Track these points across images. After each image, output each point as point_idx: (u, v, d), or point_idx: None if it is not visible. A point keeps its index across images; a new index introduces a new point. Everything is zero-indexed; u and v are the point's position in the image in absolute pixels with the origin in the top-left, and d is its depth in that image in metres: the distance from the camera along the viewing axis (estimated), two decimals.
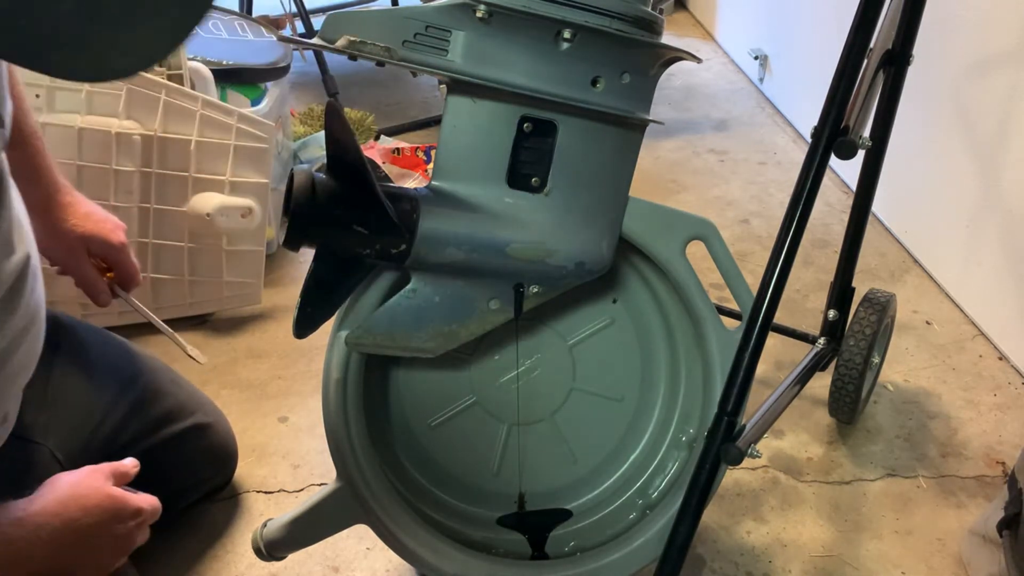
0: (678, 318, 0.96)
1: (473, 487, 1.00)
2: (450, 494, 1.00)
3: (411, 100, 2.62)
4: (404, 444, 0.97)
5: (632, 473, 1.02)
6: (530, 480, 1.00)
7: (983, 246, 1.57)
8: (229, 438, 1.22)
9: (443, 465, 0.98)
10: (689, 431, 0.99)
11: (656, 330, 0.98)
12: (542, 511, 1.01)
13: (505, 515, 1.00)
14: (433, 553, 0.92)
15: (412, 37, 0.78)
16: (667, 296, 0.96)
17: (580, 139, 0.83)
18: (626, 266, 0.95)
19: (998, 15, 1.49)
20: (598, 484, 1.02)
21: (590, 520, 1.01)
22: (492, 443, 0.98)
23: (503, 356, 0.95)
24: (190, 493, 1.18)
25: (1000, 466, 1.30)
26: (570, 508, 1.01)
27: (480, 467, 0.99)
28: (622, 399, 1.00)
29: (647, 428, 1.01)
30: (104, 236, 1.06)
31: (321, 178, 0.79)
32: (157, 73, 1.49)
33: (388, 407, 0.96)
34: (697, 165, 2.22)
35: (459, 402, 0.96)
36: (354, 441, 0.89)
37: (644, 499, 1.00)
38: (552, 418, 0.98)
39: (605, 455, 1.01)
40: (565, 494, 1.02)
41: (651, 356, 0.99)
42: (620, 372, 0.99)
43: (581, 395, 0.98)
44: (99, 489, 0.83)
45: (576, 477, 1.01)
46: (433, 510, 0.98)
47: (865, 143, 0.97)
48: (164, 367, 1.16)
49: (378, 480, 0.91)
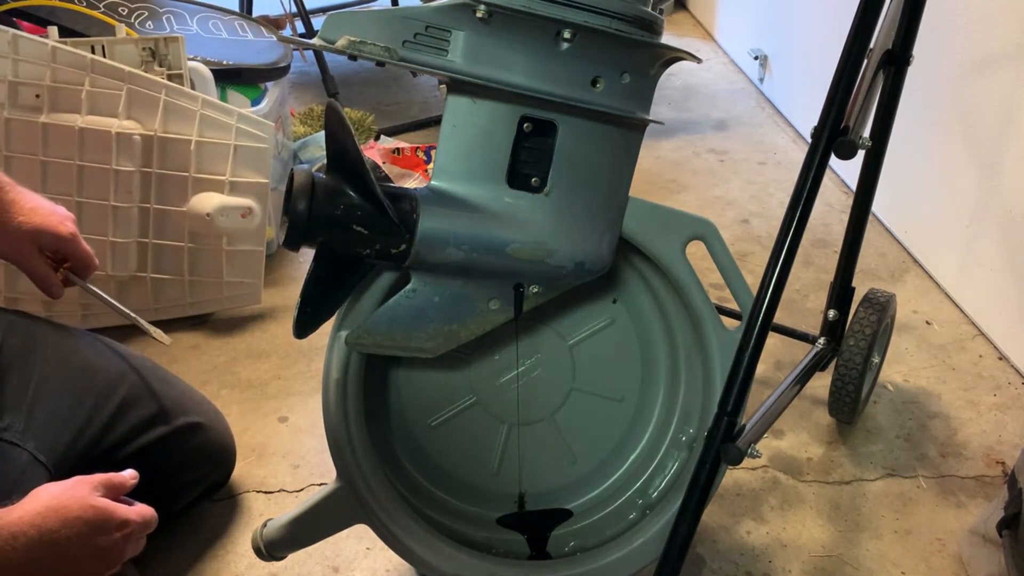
0: (678, 318, 0.96)
1: (473, 487, 1.00)
2: (450, 494, 1.00)
3: (411, 100, 2.62)
4: (404, 444, 0.97)
5: (632, 473, 1.02)
6: (530, 480, 1.00)
7: (983, 246, 1.57)
8: (225, 437, 1.21)
9: (443, 465, 0.98)
10: (689, 431, 0.99)
11: (656, 330, 0.98)
12: (542, 511, 1.01)
13: (505, 515, 1.00)
14: (432, 553, 0.92)
15: (412, 37, 0.78)
16: (667, 296, 0.96)
17: (580, 139, 0.83)
18: (626, 266, 0.95)
19: (998, 15, 1.49)
20: (598, 484, 1.02)
21: (590, 520, 1.01)
22: (492, 443, 0.98)
23: (503, 356, 0.95)
24: (186, 492, 1.18)
25: (1000, 466, 1.30)
26: (570, 508, 1.01)
27: (480, 467, 0.99)
28: (622, 399, 1.00)
29: (647, 428, 1.01)
30: (53, 229, 1.04)
31: (321, 178, 0.79)
32: (157, 73, 1.50)
33: (388, 407, 0.96)
34: (697, 165, 2.22)
35: (459, 402, 0.96)
36: (354, 441, 0.89)
37: (644, 499, 1.00)
38: (552, 418, 0.98)
39: (605, 455, 1.01)
40: (565, 494, 1.02)
41: (651, 356, 0.99)
42: (620, 372, 0.99)
43: (581, 395, 0.98)
44: (82, 500, 0.82)
45: (576, 477, 1.01)
46: (432, 510, 0.98)
47: (865, 143, 0.97)
48: (154, 367, 1.15)
49: (378, 480, 0.91)
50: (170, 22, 1.78)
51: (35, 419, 0.97)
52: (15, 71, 1.40)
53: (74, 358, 1.06)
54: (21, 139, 1.41)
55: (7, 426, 0.94)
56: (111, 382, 1.07)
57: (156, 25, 1.74)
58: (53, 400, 1.00)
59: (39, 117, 1.40)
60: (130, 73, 1.42)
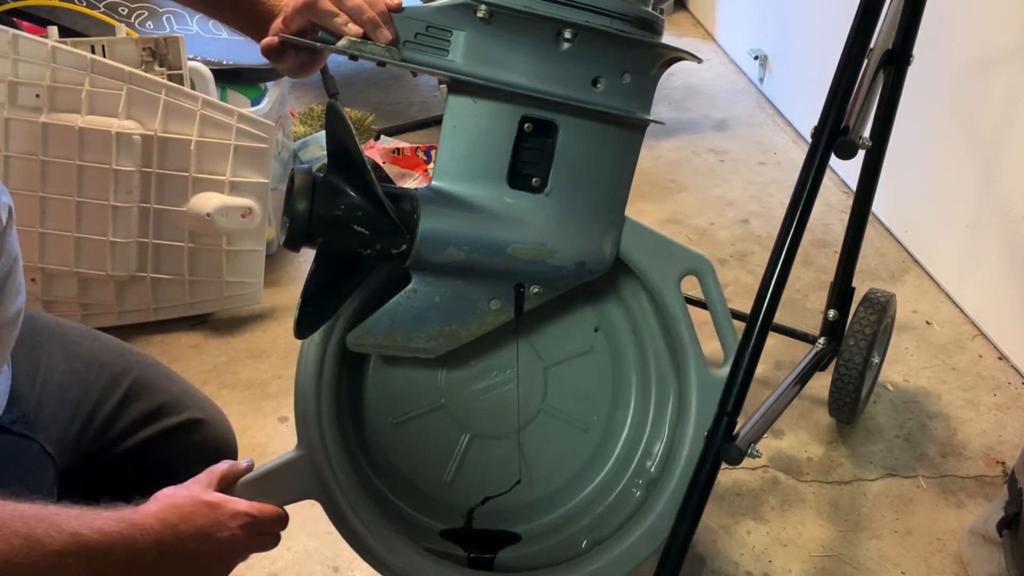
0: (655, 354, 0.95)
1: (422, 493, 0.96)
2: (399, 496, 0.96)
3: (411, 100, 2.62)
4: (367, 435, 0.94)
5: (584, 506, 0.98)
6: (481, 496, 0.96)
7: (983, 246, 1.57)
8: (226, 434, 1.21)
9: (398, 465, 0.95)
10: (650, 472, 0.96)
11: (631, 364, 0.97)
12: (489, 531, 0.97)
13: (450, 528, 0.96)
14: (384, 546, 0.89)
15: (413, 37, 0.78)
16: (648, 331, 0.94)
17: (581, 139, 0.83)
18: (612, 297, 0.94)
19: (998, 15, 1.49)
20: (549, 511, 0.98)
21: (535, 548, 0.97)
22: (450, 451, 0.95)
23: (478, 362, 0.93)
24: None
25: (1000, 466, 1.30)
26: (519, 532, 0.97)
27: (433, 474, 0.95)
28: (587, 429, 0.97)
29: (607, 463, 0.98)
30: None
31: (321, 178, 0.79)
32: (157, 73, 1.50)
33: (361, 396, 0.93)
34: (697, 165, 2.22)
35: (427, 403, 0.93)
36: (322, 414, 0.87)
37: (595, 534, 0.96)
38: (516, 436, 0.96)
39: (561, 483, 0.98)
40: (514, 516, 0.98)
41: (622, 389, 0.97)
42: (590, 401, 0.96)
43: (548, 418, 0.96)
44: (195, 496, 0.84)
45: (529, 500, 0.97)
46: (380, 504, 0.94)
47: (865, 143, 0.97)
48: (157, 363, 1.16)
49: (339, 458, 0.88)
50: (170, 22, 1.78)
51: (43, 411, 0.97)
52: (15, 71, 1.40)
53: (79, 351, 1.06)
54: (21, 139, 1.41)
55: (17, 418, 0.94)
56: (116, 376, 1.07)
57: (156, 25, 1.74)
58: (60, 393, 1.00)
59: (39, 117, 1.40)
60: (130, 73, 1.42)
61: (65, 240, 1.46)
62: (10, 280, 0.84)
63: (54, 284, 1.51)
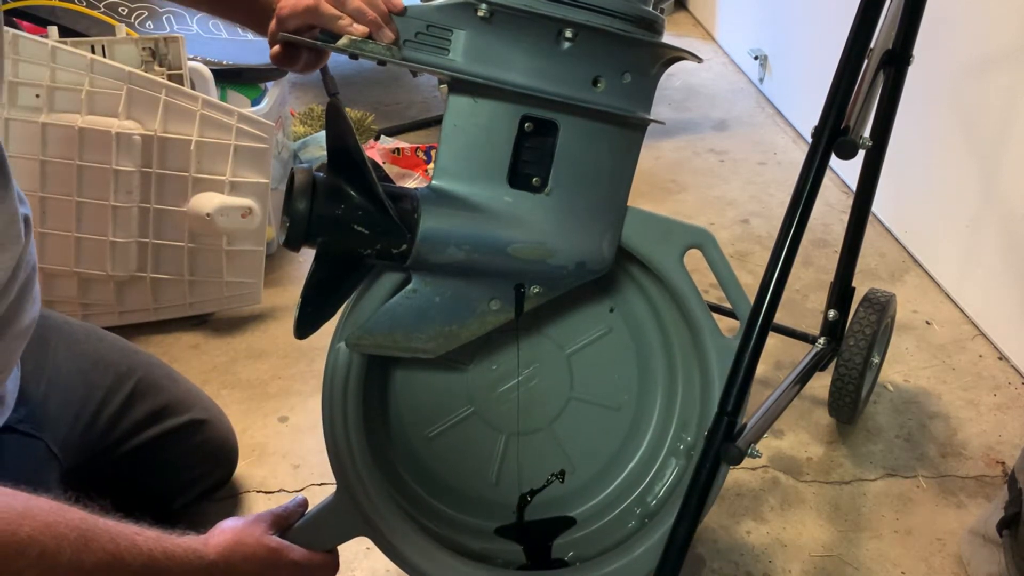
0: (675, 326, 0.95)
1: (471, 497, 0.98)
2: (448, 504, 0.98)
3: (411, 100, 2.62)
4: (402, 455, 0.96)
5: (631, 482, 1.00)
6: (529, 488, 0.99)
7: (983, 246, 1.57)
8: (228, 435, 1.22)
9: (441, 476, 0.97)
10: (687, 439, 0.98)
11: (653, 339, 0.98)
12: (543, 520, 0.99)
13: (503, 525, 0.99)
14: (433, 564, 0.91)
15: (413, 36, 0.78)
16: (664, 305, 0.95)
17: (581, 139, 0.83)
18: (623, 275, 0.95)
19: (998, 15, 1.49)
20: (597, 493, 1.01)
21: (589, 529, 1.00)
22: (490, 453, 0.96)
23: (501, 366, 0.94)
24: (188, 490, 1.18)
25: (1000, 466, 1.30)
26: (573, 516, 1.00)
27: (478, 477, 0.97)
28: (619, 408, 0.99)
29: (645, 436, 1.00)
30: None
31: (321, 178, 0.79)
32: (157, 73, 1.50)
33: (387, 418, 0.95)
34: (697, 165, 2.22)
35: (457, 413, 0.95)
36: (354, 451, 0.88)
37: (643, 508, 0.99)
38: (550, 427, 0.97)
39: (603, 464, 1.00)
40: (563, 503, 1.00)
41: (648, 365, 0.98)
42: (617, 381, 0.98)
43: (579, 404, 0.97)
44: (259, 538, 0.86)
45: (574, 487, 1.00)
46: (431, 521, 0.97)
47: (865, 143, 0.97)
48: (161, 363, 1.16)
49: (378, 491, 0.90)
50: (170, 22, 1.78)
51: (49, 410, 0.97)
52: (15, 71, 1.40)
53: (85, 350, 1.06)
54: (21, 139, 1.41)
55: (24, 417, 0.94)
56: (121, 375, 1.07)
57: (156, 25, 1.74)
58: (65, 392, 1.01)
59: (39, 117, 1.40)
60: (130, 73, 1.42)
61: (65, 240, 1.46)
62: (27, 290, 0.84)
63: (54, 284, 1.51)
